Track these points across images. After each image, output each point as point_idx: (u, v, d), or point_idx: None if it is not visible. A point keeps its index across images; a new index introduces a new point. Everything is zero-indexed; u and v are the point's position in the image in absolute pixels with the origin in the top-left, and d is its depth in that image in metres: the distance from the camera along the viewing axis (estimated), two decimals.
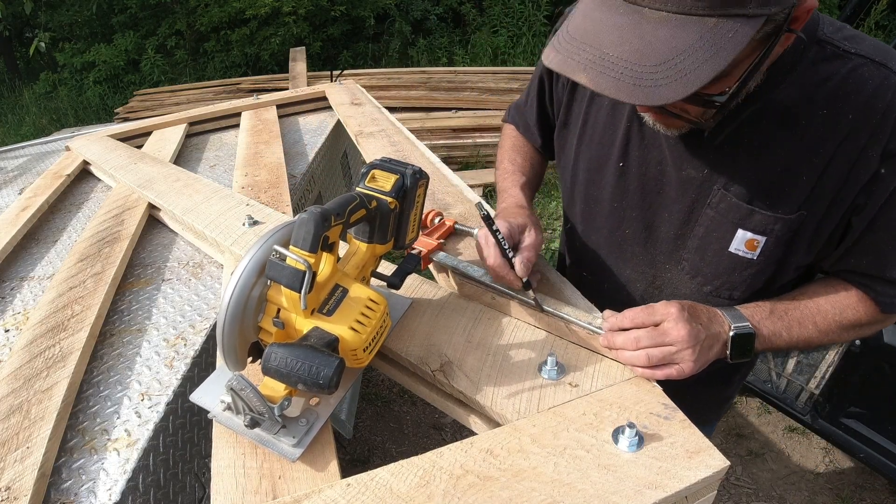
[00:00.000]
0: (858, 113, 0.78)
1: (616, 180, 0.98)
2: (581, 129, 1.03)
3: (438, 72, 6.06)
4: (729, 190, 0.87)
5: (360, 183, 0.90)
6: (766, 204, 0.85)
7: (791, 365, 2.27)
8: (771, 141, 0.83)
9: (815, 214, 0.84)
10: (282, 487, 0.70)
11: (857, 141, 0.79)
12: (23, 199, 1.68)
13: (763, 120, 0.83)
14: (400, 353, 0.87)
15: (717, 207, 0.89)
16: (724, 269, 0.93)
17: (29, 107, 9.12)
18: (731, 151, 0.86)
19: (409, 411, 2.76)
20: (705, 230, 0.91)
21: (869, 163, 0.79)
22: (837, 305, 0.90)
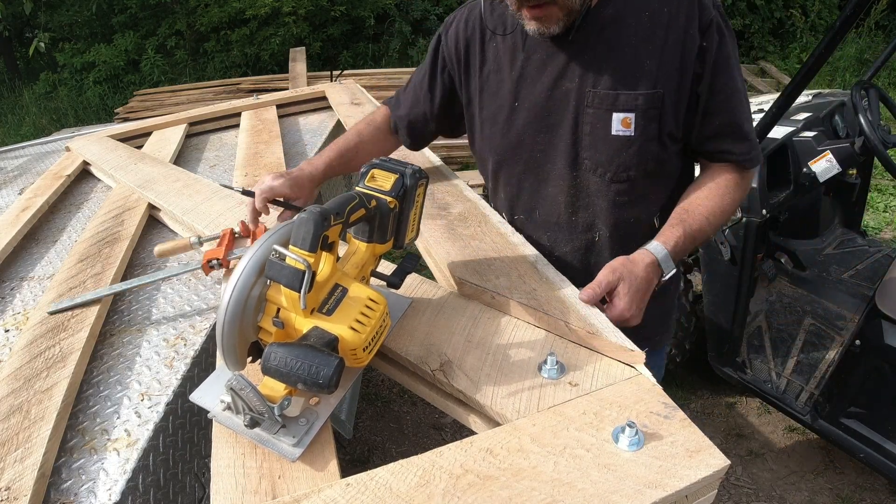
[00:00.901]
0: (672, 5, 1.06)
1: (515, 119, 1.18)
2: (480, 96, 1.23)
3: None
4: (597, 87, 1.09)
5: (360, 182, 0.90)
6: (626, 87, 1.08)
7: (791, 365, 2.27)
8: (618, 40, 1.08)
9: (669, 89, 1.07)
10: (281, 487, 0.70)
11: (678, 25, 1.05)
12: (23, 200, 1.68)
13: (610, 25, 1.08)
14: (400, 353, 0.87)
15: (593, 104, 1.10)
16: (613, 153, 1.12)
17: (29, 107, 9.13)
18: (591, 57, 1.09)
19: (409, 411, 2.76)
20: (591, 126, 1.11)
21: (693, 39, 1.05)
22: (717, 196, 1.14)
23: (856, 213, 2.82)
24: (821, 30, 7.66)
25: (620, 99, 1.08)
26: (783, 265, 2.53)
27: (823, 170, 2.11)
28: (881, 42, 7.27)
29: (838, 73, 6.89)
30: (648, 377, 0.80)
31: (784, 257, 2.54)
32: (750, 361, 2.34)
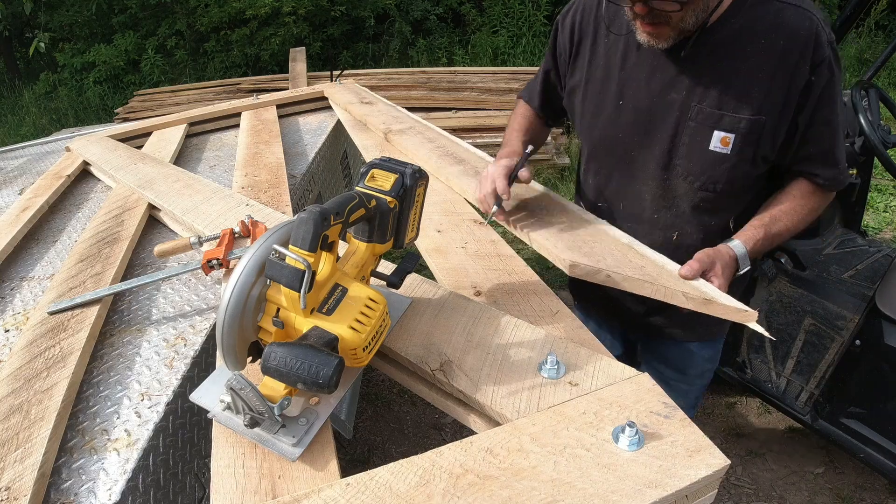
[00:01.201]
0: (788, 40, 1.10)
1: (617, 117, 1.26)
2: (585, 87, 1.31)
3: (438, 72, 6.06)
4: (703, 103, 1.17)
5: (360, 182, 0.90)
6: (731, 108, 1.15)
7: (791, 365, 2.27)
8: (729, 63, 1.14)
9: (772, 117, 1.14)
10: (281, 487, 0.70)
11: (791, 60, 1.11)
12: (23, 200, 1.68)
13: (722, 47, 1.14)
14: (400, 353, 0.87)
15: (696, 118, 1.18)
16: (707, 166, 1.20)
17: (29, 107, 9.12)
18: (701, 74, 1.16)
19: (409, 411, 2.76)
20: (689, 138, 1.19)
21: (803, 74, 1.11)
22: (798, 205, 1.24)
23: (856, 213, 2.82)
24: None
25: (724, 119, 1.16)
26: (783, 265, 2.53)
27: None
28: (881, 42, 7.27)
29: None
30: (650, 381, 0.80)
31: (784, 257, 2.54)
32: (750, 361, 2.34)
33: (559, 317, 0.95)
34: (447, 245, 1.18)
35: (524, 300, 1.00)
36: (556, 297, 1.00)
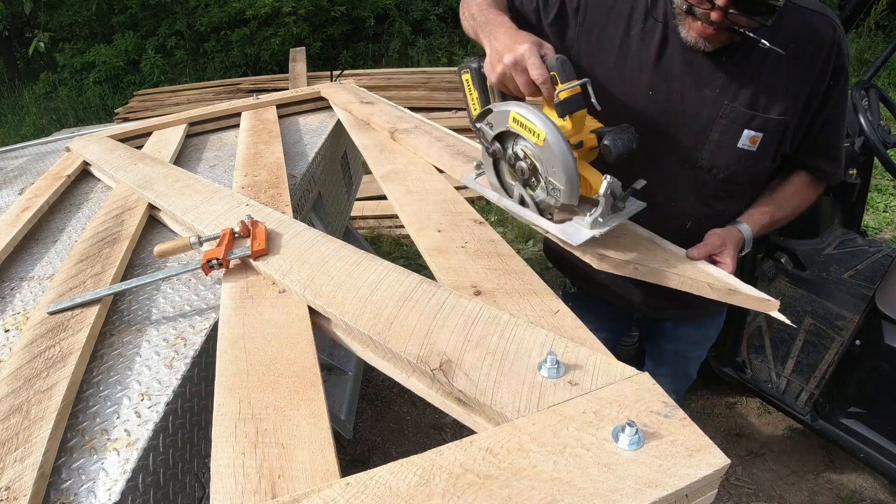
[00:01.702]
0: (814, 47, 1.18)
1: (646, 107, 1.27)
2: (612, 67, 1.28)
3: (438, 72, 6.06)
4: (735, 102, 1.20)
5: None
6: (762, 109, 1.20)
7: (791, 365, 2.27)
8: (761, 65, 1.19)
9: (794, 117, 1.22)
10: (281, 487, 0.70)
11: (816, 64, 1.19)
12: (23, 200, 1.68)
13: (756, 51, 1.15)
14: (399, 352, 0.87)
15: (728, 117, 1.22)
16: (733, 162, 1.25)
17: (29, 107, 9.13)
18: (735, 74, 1.20)
19: (409, 411, 2.76)
20: (720, 135, 1.23)
21: (824, 78, 1.20)
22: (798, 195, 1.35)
23: (856, 213, 2.82)
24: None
25: (756, 119, 1.21)
26: (783, 265, 2.53)
27: None
28: (881, 42, 7.27)
29: None
30: (650, 381, 0.80)
31: (784, 257, 2.54)
32: (750, 361, 2.34)
33: (559, 317, 0.95)
34: (447, 245, 1.18)
35: (524, 300, 0.99)
36: (556, 296, 1.00)
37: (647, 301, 1.54)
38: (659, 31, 1.23)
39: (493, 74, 1.09)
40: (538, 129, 1.01)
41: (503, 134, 1.10)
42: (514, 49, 1.04)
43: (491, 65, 1.09)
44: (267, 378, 0.88)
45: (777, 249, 2.56)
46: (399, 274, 1.05)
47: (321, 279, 1.06)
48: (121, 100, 8.20)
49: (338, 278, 1.05)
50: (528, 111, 1.04)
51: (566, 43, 1.32)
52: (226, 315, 1.03)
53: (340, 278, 1.05)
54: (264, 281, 1.12)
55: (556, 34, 1.31)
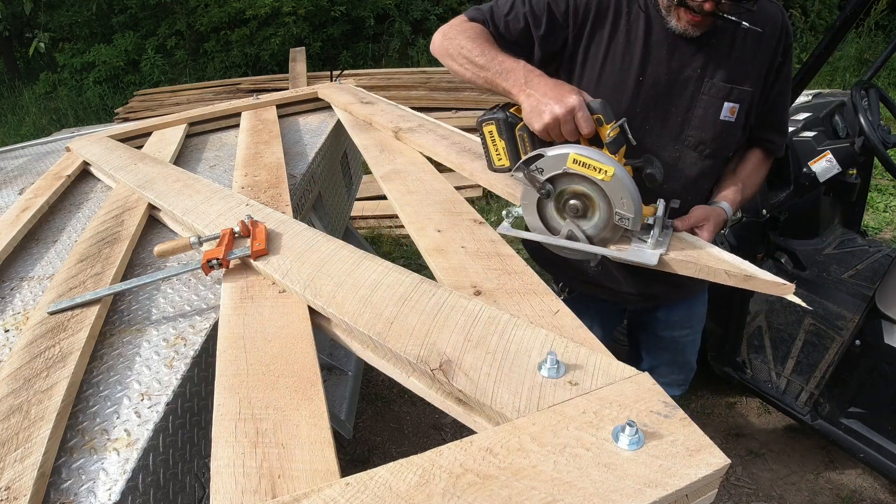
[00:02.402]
0: (770, 28, 1.33)
1: (636, 92, 1.34)
2: (602, 60, 1.35)
3: (438, 72, 6.06)
4: (714, 78, 1.32)
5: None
6: (737, 82, 1.33)
7: (791, 365, 2.27)
8: (733, 41, 1.32)
9: (757, 89, 1.36)
10: (281, 486, 0.70)
11: (771, 44, 1.35)
12: (23, 200, 1.68)
13: (724, 30, 1.30)
14: (399, 352, 0.87)
15: (709, 92, 1.33)
16: (717, 134, 1.36)
17: (29, 107, 9.13)
18: (712, 52, 1.31)
19: (409, 411, 2.76)
20: (703, 110, 1.34)
21: (776, 54, 1.37)
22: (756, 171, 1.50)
23: (856, 213, 2.82)
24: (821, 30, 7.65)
25: (734, 92, 1.33)
26: (783, 265, 2.53)
27: (823, 170, 2.11)
28: (881, 42, 7.27)
29: (838, 73, 6.89)
30: (650, 380, 0.80)
31: (784, 257, 2.54)
32: (750, 361, 2.34)
33: (559, 317, 0.95)
34: (447, 245, 1.18)
35: (524, 300, 0.99)
36: (556, 297, 1.00)
37: (640, 289, 1.58)
38: (642, 20, 1.31)
39: (538, 123, 1.14)
40: (605, 167, 1.09)
41: (553, 177, 1.16)
42: (563, 101, 1.11)
43: (536, 115, 1.14)
44: (267, 378, 0.88)
45: (777, 249, 2.56)
46: (399, 274, 1.05)
47: (321, 279, 1.06)
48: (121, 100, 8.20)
49: (338, 278, 1.05)
50: (590, 151, 1.11)
51: (560, 47, 1.37)
52: (226, 315, 1.03)
53: (340, 278, 1.05)
54: (264, 281, 1.12)
55: (551, 43, 1.36)
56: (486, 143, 1.27)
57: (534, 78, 1.19)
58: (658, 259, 1.13)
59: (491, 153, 1.27)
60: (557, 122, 1.12)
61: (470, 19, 1.40)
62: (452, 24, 1.40)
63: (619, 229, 1.17)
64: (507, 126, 1.22)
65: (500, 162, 1.26)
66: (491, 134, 1.25)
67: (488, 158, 1.28)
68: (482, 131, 1.26)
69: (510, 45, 1.35)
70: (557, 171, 1.14)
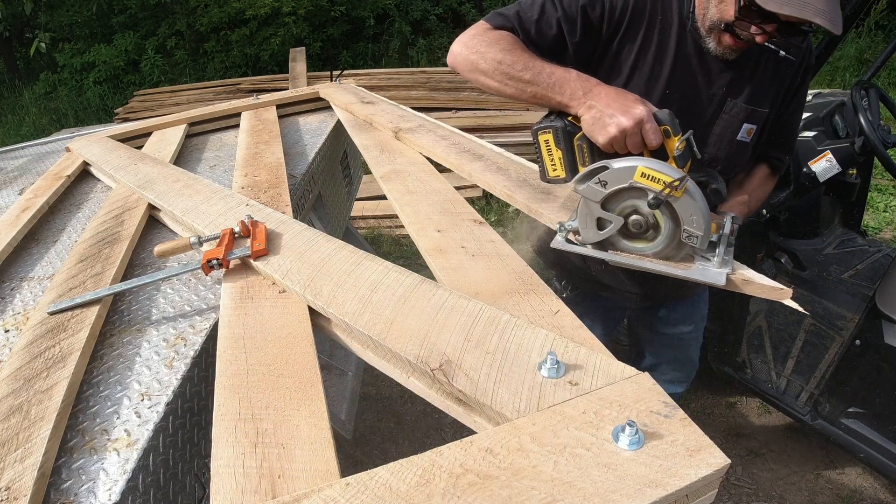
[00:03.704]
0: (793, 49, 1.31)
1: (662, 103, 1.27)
2: (631, 68, 1.33)
3: (438, 72, 6.06)
4: (737, 98, 1.32)
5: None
6: (758, 104, 1.33)
7: (791, 365, 2.27)
8: (755, 64, 1.32)
9: (773, 111, 1.38)
10: (281, 487, 0.70)
11: (792, 65, 1.35)
12: (23, 200, 1.68)
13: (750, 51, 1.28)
14: (399, 352, 0.87)
15: (730, 112, 1.33)
16: (732, 153, 1.37)
17: (29, 107, 9.13)
18: (737, 73, 1.31)
19: (409, 411, 2.76)
20: (721, 128, 1.35)
21: (795, 77, 1.38)
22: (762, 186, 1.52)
23: (856, 213, 2.82)
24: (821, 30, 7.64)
25: (755, 114, 1.33)
26: (783, 265, 2.53)
27: (823, 170, 2.11)
28: (881, 42, 7.27)
29: (838, 73, 6.89)
30: (650, 380, 0.80)
31: (784, 257, 2.54)
32: (750, 361, 2.34)
33: (559, 317, 0.95)
34: (447, 245, 1.18)
35: (524, 300, 0.99)
36: (556, 297, 1.00)
37: (644, 288, 1.58)
38: (675, 30, 1.29)
39: (602, 136, 1.08)
40: (677, 182, 1.03)
41: (618, 190, 1.09)
42: (630, 112, 1.05)
43: (600, 127, 1.08)
44: (267, 378, 0.88)
45: (777, 249, 2.56)
46: (399, 274, 1.05)
47: (321, 279, 1.06)
48: (121, 100, 8.20)
49: (338, 278, 1.05)
50: (659, 164, 1.05)
51: (591, 55, 1.32)
52: (226, 315, 1.03)
53: (340, 278, 1.05)
54: (264, 281, 1.12)
55: (585, 49, 1.30)
56: (540, 152, 1.19)
57: (593, 87, 1.13)
58: (726, 279, 1.07)
59: (546, 163, 1.19)
60: (624, 135, 1.06)
61: (495, 27, 1.29)
62: (475, 34, 1.29)
63: (684, 247, 1.10)
64: (566, 135, 1.15)
65: (555, 172, 1.19)
66: (547, 143, 1.17)
67: (542, 169, 1.21)
68: (537, 140, 1.19)
69: (541, 52, 1.26)
70: (622, 185, 1.07)
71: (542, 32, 1.27)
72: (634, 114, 1.05)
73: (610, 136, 1.07)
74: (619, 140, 1.07)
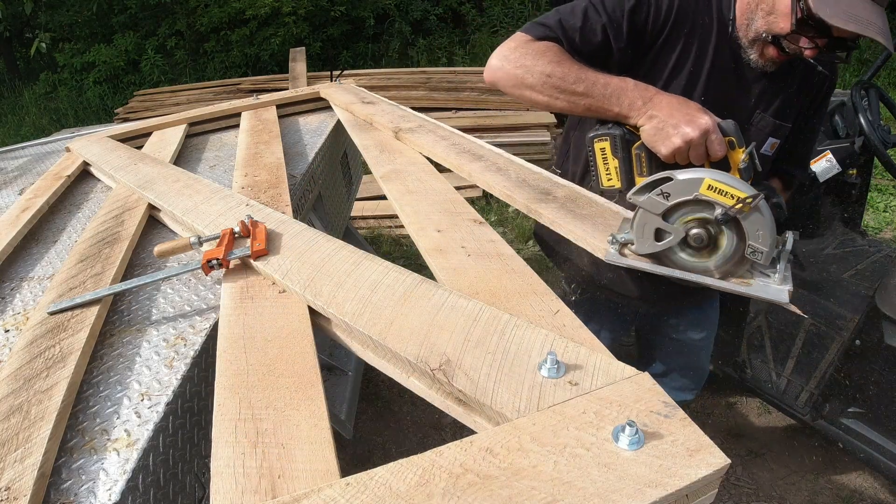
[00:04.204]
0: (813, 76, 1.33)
1: None
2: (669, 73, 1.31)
3: (438, 72, 6.06)
4: (766, 112, 1.32)
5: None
6: (783, 118, 1.30)
7: (791, 365, 2.27)
8: (786, 79, 1.31)
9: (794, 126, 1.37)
10: (281, 487, 0.70)
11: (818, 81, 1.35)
12: (23, 200, 1.68)
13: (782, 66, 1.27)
14: (399, 352, 0.87)
15: (756, 125, 1.33)
16: None
17: (29, 107, 9.13)
18: (768, 86, 1.31)
19: (409, 411, 2.76)
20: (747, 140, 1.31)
21: (819, 93, 1.37)
22: None
23: (856, 213, 2.82)
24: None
25: (780, 129, 1.33)
26: None
27: (823, 170, 2.11)
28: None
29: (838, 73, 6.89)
30: (650, 380, 0.80)
31: None
32: (750, 361, 2.34)
33: (559, 317, 0.95)
34: (447, 245, 1.18)
35: (524, 300, 0.99)
36: (556, 297, 1.00)
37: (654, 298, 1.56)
38: (714, 36, 1.26)
39: (665, 147, 1.06)
40: (743, 195, 1.00)
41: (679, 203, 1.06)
42: (695, 122, 1.03)
43: (663, 138, 1.06)
44: (267, 378, 0.88)
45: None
46: (399, 274, 1.05)
47: (321, 279, 1.06)
48: (121, 100, 8.20)
49: (338, 278, 1.05)
50: (727, 177, 1.01)
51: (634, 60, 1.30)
52: (226, 315, 1.03)
53: (340, 278, 1.05)
54: (264, 281, 1.12)
55: (630, 55, 1.28)
56: (595, 161, 1.15)
57: (653, 96, 1.09)
58: (787, 296, 1.03)
59: (600, 172, 1.16)
60: (688, 146, 1.03)
61: (537, 38, 1.24)
62: (515, 47, 1.24)
63: (747, 262, 1.06)
64: (624, 144, 1.11)
65: (610, 182, 1.15)
66: (603, 151, 1.14)
67: (596, 178, 1.17)
68: (592, 148, 1.14)
69: (585, 60, 1.23)
70: (686, 197, 1.03)
71: (587, 39, 1.23)
72: (700, 123, 1.02)
73: (674, 147, 1.04)
74: (683, 151, 1.04)
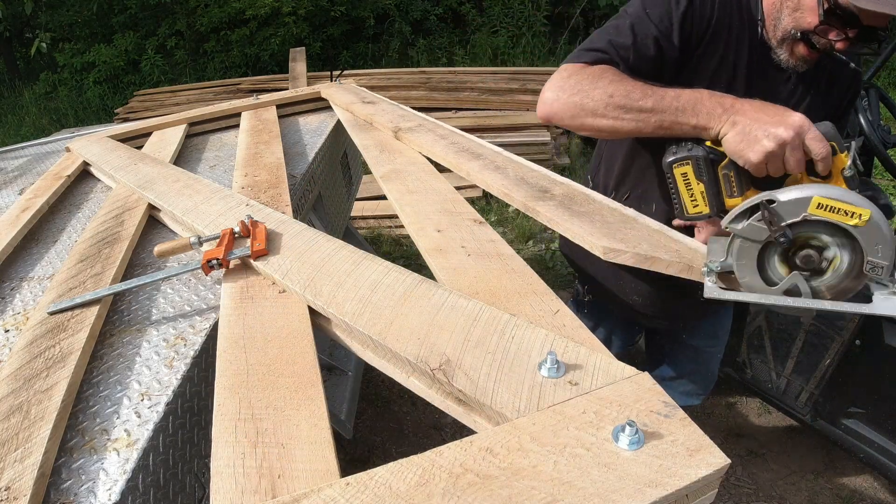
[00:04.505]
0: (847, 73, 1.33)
1: None
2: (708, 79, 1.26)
3: (438, 72, 6.06)
4: None
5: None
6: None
7: (791, 365, 2.27)
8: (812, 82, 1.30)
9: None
10: (281, 487, 0.70)
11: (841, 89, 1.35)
12: (23, 200, 1.68)
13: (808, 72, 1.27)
14: (399, 352, 0.87)
15: None
16: None
17: (29, 107, 9.13)
18: (796, 89, 1.29)
19: (409, 411, 2.76)
20: None
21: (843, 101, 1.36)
22: None
23: None
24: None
25: None
26: None
27: None
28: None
29: None
30: (650, 380, 0.80)
31: None
32: (750, 361, 2.34)
33: (559, 316, 0.95)
34: (447, 245, 1.18)
35: (524, 300, 0.99)
36: (556, 296, 1.00)
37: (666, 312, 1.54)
38: (746, 40, 1.24)
39: (755, 154, 0.97)
40: (860, 210, 0.91)
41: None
42: (786, 122, 0.94)
43: (751, 143, 0.97)
44: (267, 378, 0.88)
45: None
46: (399, 274, 1.05)
47: (321, 279, 1.06)
48: (121, 100, 8.20)
49: (338, 278, 1.05)
50: (840, 192, 0.92)
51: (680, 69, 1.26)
52: (226, 315, 1.03)
53: (340, 278, 1.05)
54: (264, 281, 1.12)
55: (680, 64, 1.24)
56: (677, 187, 1.06)
57: (733, 103, 1.01)
58: None
59: (684, 199, 1.06)
60: (783, 149, 0.94)
61: (592, 63, 1.19)
62: (569, 75, 1.19)
63: (863, 278, 0.98)
64: (708, 165, 1.02)
65: (697, 209, 1.06)
66: (685, 176, 1.04)
67: (679, 205, 1.08)
68: (672, 174, 1.06)
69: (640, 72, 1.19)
70: (794, 219, 0.94)
71: (641, 55, 1.19)
72: (791, 122, 0.93)
73: (765, 152, 0.95)
74: (777, 156, 0.95)
